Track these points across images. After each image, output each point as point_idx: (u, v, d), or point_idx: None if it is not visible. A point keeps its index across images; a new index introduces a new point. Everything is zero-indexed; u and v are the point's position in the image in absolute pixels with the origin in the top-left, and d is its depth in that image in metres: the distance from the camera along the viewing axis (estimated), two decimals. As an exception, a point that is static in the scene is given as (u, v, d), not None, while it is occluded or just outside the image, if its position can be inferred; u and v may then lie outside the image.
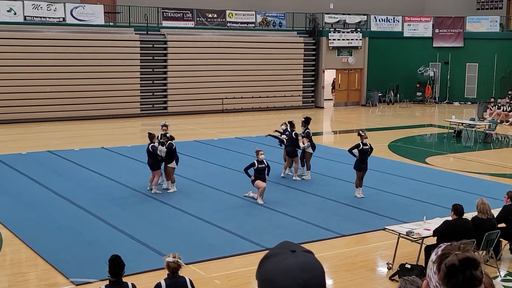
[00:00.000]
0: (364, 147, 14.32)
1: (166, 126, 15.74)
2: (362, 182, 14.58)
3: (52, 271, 9.94)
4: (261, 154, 13.99)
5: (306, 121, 16.63)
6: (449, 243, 2.13)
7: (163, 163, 14.80)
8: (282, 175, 16.52)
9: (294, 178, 16.21)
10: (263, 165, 13.95)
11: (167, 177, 15.01)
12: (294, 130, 16.25)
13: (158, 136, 15.02)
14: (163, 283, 6.64)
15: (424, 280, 2.15)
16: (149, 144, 14.68)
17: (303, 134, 16.49)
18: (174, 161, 14.73)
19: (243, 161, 18.11)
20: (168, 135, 15.01)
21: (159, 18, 29.83)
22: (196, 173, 16.46)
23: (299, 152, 16.44)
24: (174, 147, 14.71)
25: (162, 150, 14.58)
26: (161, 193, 14.65)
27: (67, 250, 10.83)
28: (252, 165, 13.87)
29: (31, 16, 26.69)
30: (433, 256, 2.12)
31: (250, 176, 13.92)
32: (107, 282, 6.79)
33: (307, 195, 14.93)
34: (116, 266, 6.64)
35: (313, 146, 16.46)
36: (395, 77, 35.27)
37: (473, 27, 35.78)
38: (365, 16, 34.84)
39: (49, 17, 27.08)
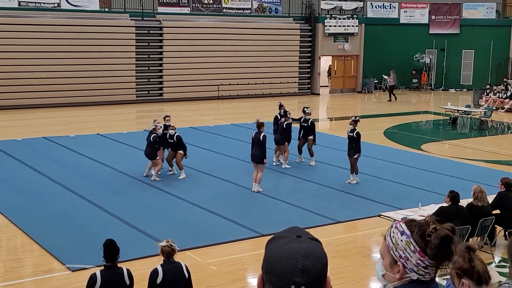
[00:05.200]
0: (348, 133, 14.43)
1: (168, 116, 15.73)
2: (354, 168, 14.60)
3: (48, 257, 9.95)
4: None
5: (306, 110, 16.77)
6: (401, 222, 2.30)
7: (170, 149, 14.82)
8: (274, 159, 16.51)
9: (283, 166, 16.19)
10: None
11: (171, 163, 15.04)
12: (287, 121, 16.20)
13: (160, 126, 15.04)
14: (159, 269, 6.66)
15: (397, 267, 2.22)
16: (150, 133, 14.62)
17: (305, 124, 16.53)
18: (183, 150, 14.78)
19: (238, 148, 18.14)
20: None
21: (155, 4, 29.66)
22: (192, 159, 16.43)
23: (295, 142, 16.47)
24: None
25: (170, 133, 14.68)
26: (159, 180, 14.61)
27: (62, 236, 10.84)
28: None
29: (25, 1, 26.50)
30: (400, 237, 2.24)
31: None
32: (102, 267, 6.81)
33: (302, 181, 14.95)
34: (111, 250, 6.65)
35: (314, 135, 16.55)
36: (391, 64, 35.16)
37: (470, 13, 35.71)
38: (361, 3, 34.73)
39: (44, 3, 26.89)
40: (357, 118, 14.76)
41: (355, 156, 14.41)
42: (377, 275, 2.36)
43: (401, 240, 2.24)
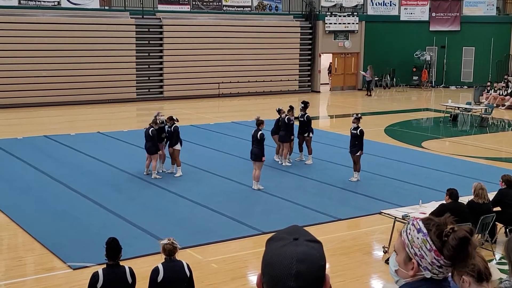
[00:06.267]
0: (352, 131, 14.41)
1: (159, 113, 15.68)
2: (356, 166, 14.60)
3: (49, 255, 9.97)
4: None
5: (305, 106, 16.64)
6: (418, 219, 2.29)
7: (168, 146, 14.83)
8: (275, 158, 16.53)
9: (284, 163, 16.16)
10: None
11: (173, 160, 15.04)
12: (288, 116, 16.17)
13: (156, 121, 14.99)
14: (160, 267, 6.66)
15: (411, 264, 2.21)
16: (149, 128, 14.62)
17: (302, 119, 16.50)
18: (179, 143, 14.75)
19: (239, 146, 18.13)
20: (174, 117, 14.96)
21: (155, 1, 29.65)
22: (192, 157, 16.47)
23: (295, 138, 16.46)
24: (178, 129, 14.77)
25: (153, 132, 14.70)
26: (160, 178, 14.62)
27: (63, 235, 10.85)
28: None
29: (25, 0, 26.49)
30: (416, 234, 2.24)
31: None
32: (104, 266, 6.82)
33: (303, 179, 14.95)
34: (113, 249, 6.66)
35: (311, 131, 16.48)
36: (391, 61, 35.20)
37: (470, 10, 35.68)
38: (362, 0, 34.69)
39: (44, 1, 26.88)
40: (359, 116, 14.69)
41: (358, 154, 14.41)
42: (390, 270, 2.36)
43: (417, 238, 2.24)
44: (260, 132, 13.67)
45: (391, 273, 2.36)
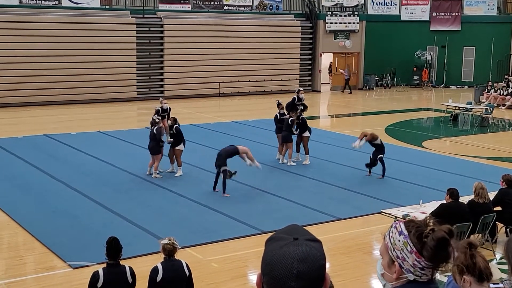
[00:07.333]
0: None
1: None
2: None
3: (50, 255, 9.97)
4: None
5: (303, 109, 16.80)
6: (400, 222, 2.30)
7: (170, 146, 14.87)
8: (277, 157, 16.57)
9: (288, 164, 16.18)
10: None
11: (172, 160, 15.05)
12: (292, 117, 16.21)
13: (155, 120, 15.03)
14: (159, 266, 6.66)
15: (394, 266, 2.21)
16: (154, 128, 14.63)
17: (298, 121, 16.57)
18: (182, 144, 14.78)
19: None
20: (177, 120, 15.01)
21: (156, 1, 29.65)
22: (193, 157, 16.46)
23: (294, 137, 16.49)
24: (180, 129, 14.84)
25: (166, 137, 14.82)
26: (160, 178, 14.63)
27: (64, 234, 10.85)
28: None
29: (26, -1, 26.52)
30: (398, 237, 2.25)
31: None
32: (104, 265, 6.81)
33: (303, 178, 14.95)
34: (114, 248, 6.66)
35: (309, 130, 16.49)
36: (392, 61, 35.19)
37: (471, 10, 35.67)
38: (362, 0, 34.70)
39: (45, 0, 26.88)
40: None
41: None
42: (377, 274, 2.39)
43: (399, 240, 2.25)
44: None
45: (378, 277, 2.38)
